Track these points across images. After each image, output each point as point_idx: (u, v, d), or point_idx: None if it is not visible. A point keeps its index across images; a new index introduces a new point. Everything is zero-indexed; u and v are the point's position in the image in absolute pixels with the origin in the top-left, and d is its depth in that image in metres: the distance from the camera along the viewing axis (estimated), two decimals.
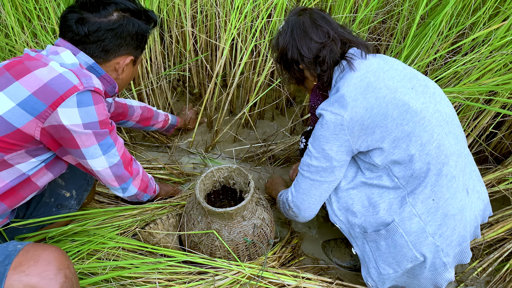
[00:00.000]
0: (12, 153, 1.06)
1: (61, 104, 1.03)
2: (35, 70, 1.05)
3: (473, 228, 1.27)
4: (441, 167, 1.17)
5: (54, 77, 1.04)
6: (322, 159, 1.22)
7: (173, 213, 1.50)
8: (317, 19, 1.22)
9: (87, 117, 1.08)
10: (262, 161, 2.02)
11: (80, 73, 1.08)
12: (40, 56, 1.10)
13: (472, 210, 1.25)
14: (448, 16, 1.73)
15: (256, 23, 1.82)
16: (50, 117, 1.04)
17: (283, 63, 1.31)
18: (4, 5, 1.74)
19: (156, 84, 2.02)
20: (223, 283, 1.28)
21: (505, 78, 1.59)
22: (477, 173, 1.31)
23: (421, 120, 1.15)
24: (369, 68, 1.19)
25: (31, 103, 1.02)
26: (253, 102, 1.96)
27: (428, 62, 1.96)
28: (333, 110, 1.16)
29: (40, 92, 1.02)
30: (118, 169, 1.26)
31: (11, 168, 1.09)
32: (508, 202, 1.79)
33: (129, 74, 1.31)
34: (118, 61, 1.22)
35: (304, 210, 1.32)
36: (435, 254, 1.20)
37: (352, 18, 1.98)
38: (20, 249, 0.90)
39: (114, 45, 1.17)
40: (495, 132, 1.94)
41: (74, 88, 1.04)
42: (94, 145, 1.14)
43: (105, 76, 1.20)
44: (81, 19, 1.12)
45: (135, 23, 1.19)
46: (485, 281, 1.56)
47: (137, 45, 1.24)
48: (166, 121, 1.96)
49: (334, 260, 1.61)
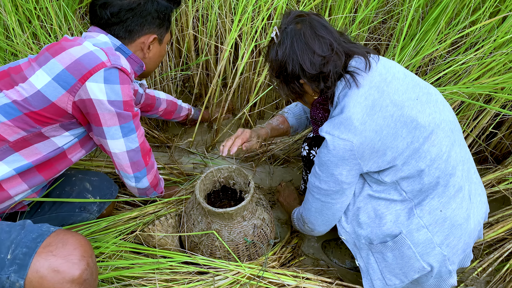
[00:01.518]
0: (48, 126, 1.15)
1: (89, 78, 1.11)
2: (70, 48, 1.14)
3: (477, 232, 1.28)
4: (448, 178, 1.16)
5: (85, 53, 1.12)
6: (331, 183, 1.18)
7: (172, 213, 1.51)
8: (318, 29, 1.11)
9: (113, 94, 1.15)
10: (262, 161, 2.02)
11: (110, 52, 1.17)
12: (77, 38, 1.21)
13: (475, 216, 1.25)
14: (449, 13, 1.73)
15: (256, 24, 1.82)
16: (79, 91, 1.12)
17: (282, 78, 1.19)
18: (5, 6, 1.74)
19: (160, 84, 2.03)
20: (223, 283, 1.28)
21: (505, 77, 1.59)
22: (477, 176, 1.31)
23: (430, 135, 1.12)
24: (372, 83, 1.13)
25: (63, 77, 1.11)
26: (253, 102, 1.96)
27: (428, 62, 1.96)
28: (341, 136, 1.10)
29: (71, 67, 1.11)
30: (135, 155, 1.30)
31: (48, 141, 1.18)
32: (508, 202, 1.79)
33: (157, 53, 1.35)
34: (143, 41, 1.28)
35: (319, 226, 1.31)
36: (442, 263, 1.20)
37: (352, 18, 1.98)
38: (52, 231, 0.97)
39: (136, 24, 1.24)
40: (495, 132, 1.94)
41: (102, 64, 1.12)
42: (116, 126, 1.21)
43: (132, 56, 1.28)
44: (104, 3, 1.20)
45: (154, 2, 1.24)
46: (485, 281, 1.56)
47: (160, 24, 1.29)
48: (187, 115, 2.03)
49: (334, 261, 1.61)
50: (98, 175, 1.51)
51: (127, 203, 1.70)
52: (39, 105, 1.11)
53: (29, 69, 1.15)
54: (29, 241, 0.93)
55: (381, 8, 2.05)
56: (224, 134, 2.14)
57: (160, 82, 2.05)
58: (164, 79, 2.07)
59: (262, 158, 2.00)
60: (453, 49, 1.95)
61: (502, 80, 1.59)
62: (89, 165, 1.77)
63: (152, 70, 1.43)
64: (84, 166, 1.75)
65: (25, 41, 1.77)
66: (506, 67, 1.68)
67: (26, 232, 0.95)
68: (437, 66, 1.87)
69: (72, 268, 0.91)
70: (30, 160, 1.17)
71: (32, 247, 0.92)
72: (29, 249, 0.91)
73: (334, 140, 1.11)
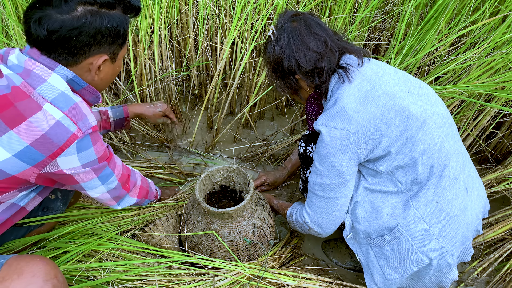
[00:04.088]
0: (4, 194, 1.03)
1: (60, 154, 1.00)
2: (30, 117, 0.96)
3: (475, 226, 1.28)
4: (442, 169, 1.17)
5: (51, 126, 0.97)
6: (333, 176, 1.19)
7: (172, 214, 1.51)
8: (313, 27, 1.17)
9: (86, 158, 1.06)
10: (262, 161, 2.02)
11: (75, 116, 1.00)
12: (27, 86, 0.97)
13: (473, 209, 1.26)
14: (449, 12, 1.73)
15: (256, 24, 1.83)
16: (48, 165, 1.01)
17: (279, 73, 1.24)
18: (5, 6, 1.74)
19: (160, 84, 2.02)
20: (223, 283, 1.28)
21: (505, 77, 1.59)
22: (474, 170, 1.32)
23: (422, 124, 1.15)
24: (364, 76, 1.18)
25: (29, 154, 0.97)
26: (253, 102, 1.96)
27: (427, 61, 1.96)
28: (337, 126, 1.13)
29: (38, 144, 0.96)
30: (116, 191, 1.26)
31: (2, 204, 1.07)
32: (508, 202, 1.79)
33: (109, 72, 1.14)
34: (91, 61, 1.06)
35: (327, 227, 1.29)
36: (440, 255, 1.20)
37: (352, 19, 1.98)
38: (3, 264, 0.88)
39: (82, 45, 1.00)
40: (495, 132, 1.94)
41: (73, 136, 0.99)
42: (94, 178, 1.13)
43: (88, 88, 1.09)
44: (39, 18, 0.95)
45: (104, 17, 1.00)
46: (485, 281, 1.56)
47: (112, 41, 1.06)
48: (105, 120, 1.60)
49: (334, 261, 1.61)
50: None
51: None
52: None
53: None
54: None
55: (381, 8, 2.05)
56: (224, 134, 2.14)
57: (161, 82, 2.05)
58: (164, 79, 2.07)
59: (262, 158, 2.00)
60: (453, 49, 1.95)
61: (502, 80, 1.59)
62: None
63: (104, 89, 1.24)
64: None
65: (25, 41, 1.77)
66: (506, 66, 1.68)
67: None
68: (437, 66, 1.87)
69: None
70: None
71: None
72: None
73: (330, 131, 1.13)
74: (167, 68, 2.05)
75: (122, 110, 1.63)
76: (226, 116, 2.30)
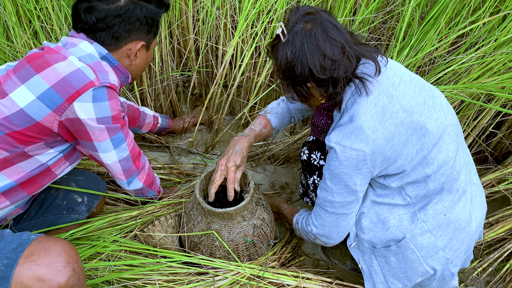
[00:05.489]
0: (31, 145, 1.11)
1: (77, 98, 1.08)
2: (55, 63, 1.08)
3: (478, 233, 1.28)
4: (452, 183, 1.16)
5: (72, 71, 1.08)
6: (346, 194, 1.15)
7: (172, 214, 1.51)
8: (329, 30, 1.05)
9: (101, 111, 1.13)
10: (262, 161, 2.02)
11: (97, 68, 1.12)
12: (60, 49, 1.13)
13: (476, 218, 1.25)
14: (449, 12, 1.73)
15: (258, 26, 1.83)
16: (67, 111, 1.08)
17: (290, 80, 1.13)
18: (5, 6, 1.74)
19: (160, 84, 2.03)
20: (223, 283, 1.28)
21: (505, 77, 1.59)
22: (477, 176, 1.32)
23: (438, 141, 1.12)
24: (381, 88, 1.10)
25: (49, 96, 1.06)
26: (253, 102, 1.96)
27: (427, 61, 1.96)
28: (353, 146, 1.06)
29: (58, 86, 1.06)
30: (127, 163, 1.30)
31: (31, 159, 1.14)
32: (508, 202, 1.79)
33: (143, 60, 1.31)
34: (130, 47, 1.23)
35: (335, 238, 1.27)
36: (444, 266, 1.20)
37: (352, 19, 1.98)
38: (33, 239, 0.94)
39: (124, 31, 1.18)
40: (495, 132, 1.94)
41: (91, 83, 1.08)
42: (107, 139, 1.19)
43: (119, 66, 1.23)
44: (89, 7, 1.13)
45: (143, 7, 1.19)
46: (485, 281, 1.56)
47: (148, 30, 1.23)
48: (155, 124, 1.91)
49: (334, 261, 1.61)
50: (84, 174, 1.49)
51: (127, 203, 1.70)
52: (22, 124, 1.06)
53: (8, 83, 1.08)
54: (9, 251, 0.90)
55: (382, 8, 2.05)
56: (224, 134, 2.14)
57: (161, 82, 2.05)
58: (165, 80, 2.07)
59: (262, 158, 2.00)
60: (453, 49, 1.95)
61: (502, 80, 1.59)
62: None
63: (137, 77, 1.37)
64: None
65: (26, 41, 1.77)
66: (506, 66, 1.68)
67: (6, 242, 0.92)
68: (437, 66, 1.87)
69: (57, 276, 0.88)
70: (13, 179, 1.13)
71: (13, 258, 0.88)
72: (10, 260, 0.88)
73: (345, 150, 1.07)
74: (167, 68, 2.05)
75: (167, 122, 1.98)
76: (226, 116, 2.30)
